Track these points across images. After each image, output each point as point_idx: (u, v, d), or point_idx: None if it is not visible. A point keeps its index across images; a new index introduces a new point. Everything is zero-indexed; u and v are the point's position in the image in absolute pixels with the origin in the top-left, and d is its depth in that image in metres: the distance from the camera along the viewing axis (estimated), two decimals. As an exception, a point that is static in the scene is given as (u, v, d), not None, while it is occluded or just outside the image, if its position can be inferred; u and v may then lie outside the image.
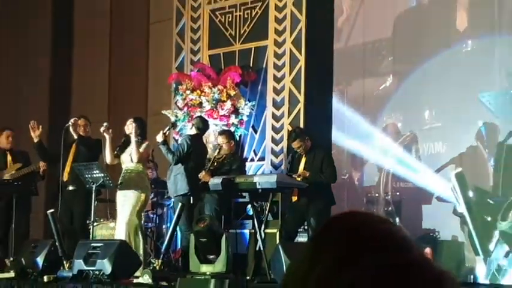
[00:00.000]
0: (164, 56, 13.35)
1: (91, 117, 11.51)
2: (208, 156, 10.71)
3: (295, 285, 1.24)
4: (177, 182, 10.30)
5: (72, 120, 10.87)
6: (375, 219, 1.27)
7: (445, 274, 1.21)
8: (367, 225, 1.26)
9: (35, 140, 10.95)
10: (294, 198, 9.71)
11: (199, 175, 10.06)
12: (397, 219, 10.25)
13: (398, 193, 10.81)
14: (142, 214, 10.31)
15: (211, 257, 9.19)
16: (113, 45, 14.69)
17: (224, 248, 8.72)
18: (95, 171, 9.95)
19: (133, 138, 10.18)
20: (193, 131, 10.70)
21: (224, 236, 8.83)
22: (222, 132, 10.81)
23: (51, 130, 12.56)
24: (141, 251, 9.75)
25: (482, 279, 9.35)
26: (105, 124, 10.27)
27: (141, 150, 10.06)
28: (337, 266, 1.20)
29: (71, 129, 10.80)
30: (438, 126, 10.35)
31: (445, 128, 10.29)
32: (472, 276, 9.32)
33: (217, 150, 10.52)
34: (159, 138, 10.32)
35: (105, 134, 10.17)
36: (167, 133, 10.61)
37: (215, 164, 10.23)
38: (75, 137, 10.93)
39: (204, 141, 10.90)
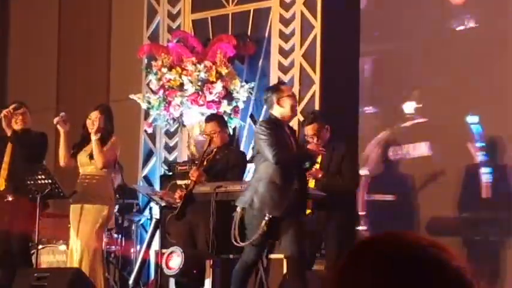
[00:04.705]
0: (132, 22, 12.39)
1: (34, 105, 10.60)
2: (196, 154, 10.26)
3: None
4: None
5: (4, 112, 9.75)
6: (417, 242, 1.26)
7: None
8: (410, 250, 1.24)
9: None
10: (307, 211, 8.67)
11: (189, 173, 9.27)
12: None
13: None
14: (104, 234, 9.68)
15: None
16: (62, 8, 13.33)
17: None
18: (39, 176, 9.25)
19: (93, 136, 9.26)
20: None
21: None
22: (209, 119, 9.72)
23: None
24: (101, 283, 9.20)
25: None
26: (61, 114, 9.66)
27: (105, 149, 9.38)
28: None
29: (3, 123, 9.80)
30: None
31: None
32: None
33: (207, 144, 9.48)
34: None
35: (59, 126, 9.38)
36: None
37: (204, 163, 9.34)
38: (8, 133, 9.80)
39: (187, 136, 10.68)
